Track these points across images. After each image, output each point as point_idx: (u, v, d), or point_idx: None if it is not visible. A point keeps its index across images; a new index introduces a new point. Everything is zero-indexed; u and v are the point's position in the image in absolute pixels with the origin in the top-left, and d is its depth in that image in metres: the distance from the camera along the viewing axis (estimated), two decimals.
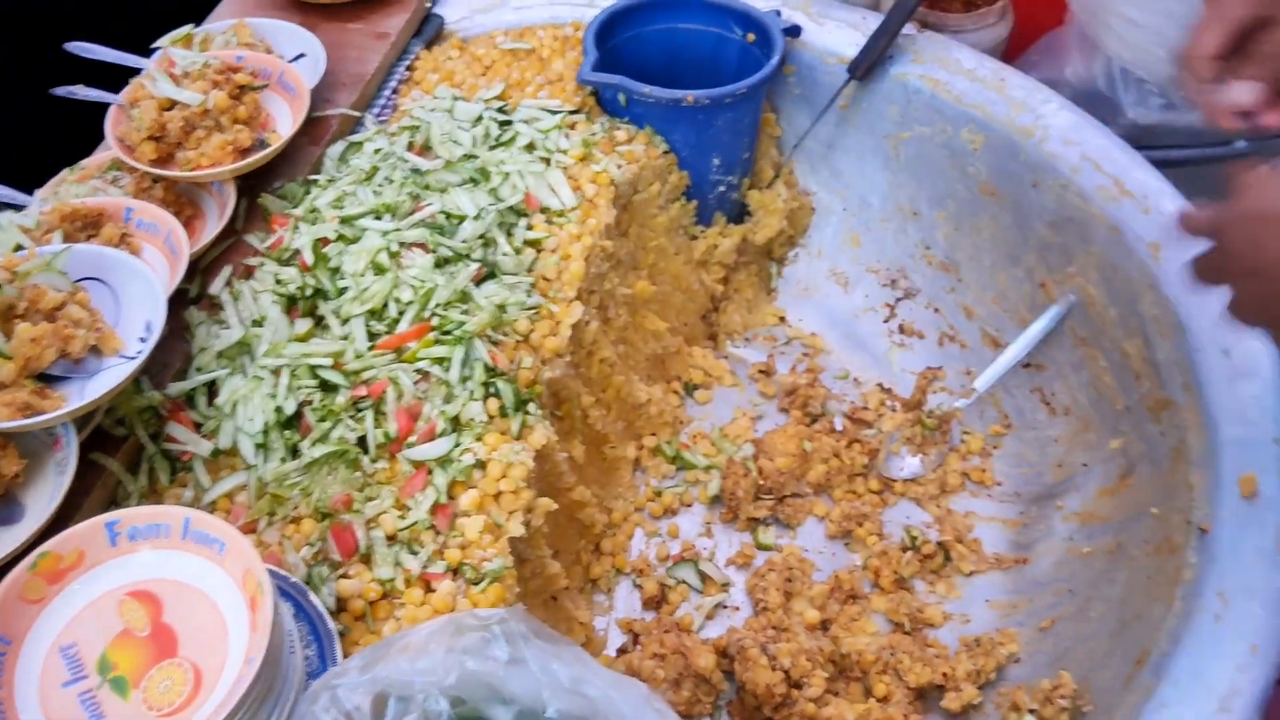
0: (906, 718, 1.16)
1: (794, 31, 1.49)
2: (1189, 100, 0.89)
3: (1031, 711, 1.09)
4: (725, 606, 1.31)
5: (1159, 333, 1.20)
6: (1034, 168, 1.37)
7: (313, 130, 1.33)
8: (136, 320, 0.99)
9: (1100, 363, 1.30)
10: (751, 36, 1.47)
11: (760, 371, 1.56)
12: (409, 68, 1.48)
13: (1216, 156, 1.44)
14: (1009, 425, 1.45)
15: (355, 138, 1.34)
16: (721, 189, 1.51)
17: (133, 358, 0.96)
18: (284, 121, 1.26)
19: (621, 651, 1.25)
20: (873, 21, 1.49)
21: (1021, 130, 1.38)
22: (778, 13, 1.48)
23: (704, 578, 1.32)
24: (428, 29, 1.54)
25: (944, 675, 1.18)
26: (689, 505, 1.41)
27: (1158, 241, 1.23)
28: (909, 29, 1.49)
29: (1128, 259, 1.25)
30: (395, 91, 1.44)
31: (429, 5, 1.56)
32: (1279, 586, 0.94)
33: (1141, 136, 1.42)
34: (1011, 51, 1.70)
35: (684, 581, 1.32)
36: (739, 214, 1.59)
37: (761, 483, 1.38)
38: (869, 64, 1.46)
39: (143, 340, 0.97)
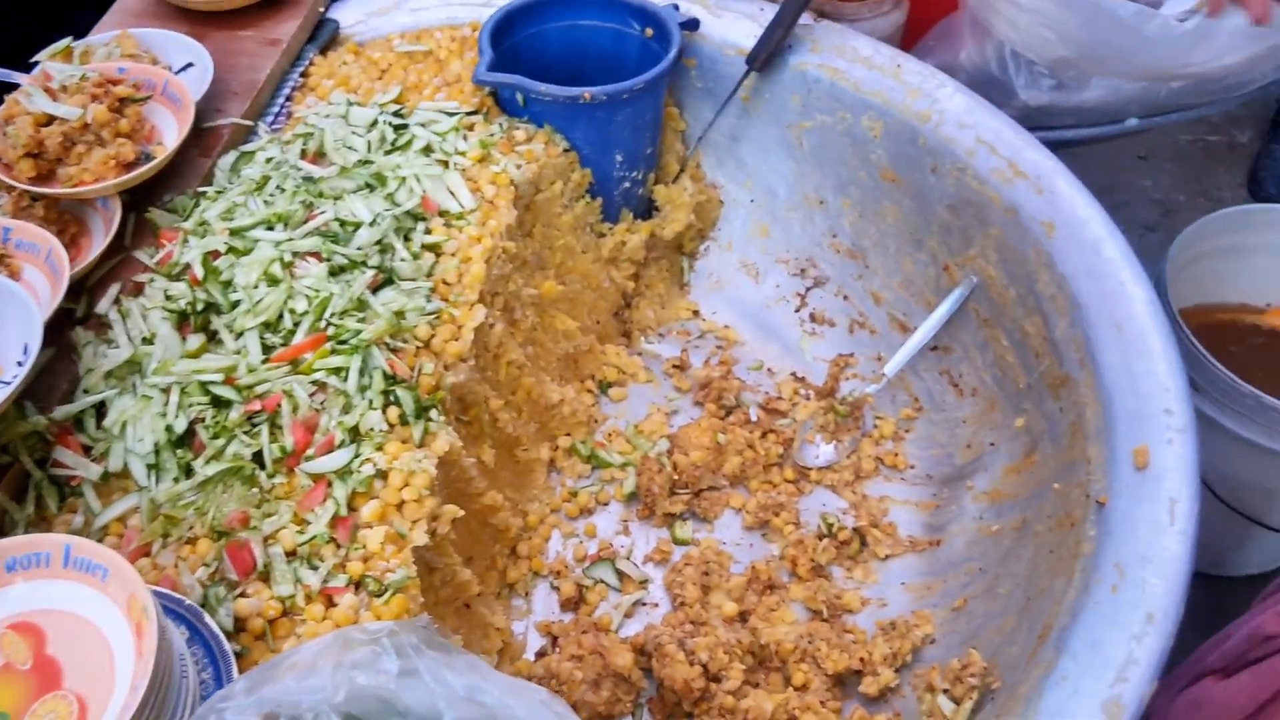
0: (824, 704, 1.17)
1: (692, 25, 1.49)
2: None
3: (944, 691, 1.10)
4: (644, 604, 1.31)
5: (1056, 310, 1.21)
6: (932, 153, 1.38)
7: (203, 141, 1.30)
8: (13, 343, 0.96)
9: (1003, 342, 1.32)
10: (650, 31, 1.46)
11: (674, 366, 1.56)
12: (303, 74, 1.46)
13: (1106, 135, 1.47)
14: (919, 408, 1.46)
15: (248, 147, 1.31)
16: (626, 185, 1.50)
17: (8, 382, 0.93)
18: (170, 133, 1.23)
19: (540, 655, 1.24)
20: (770, 13, 1.50)
21: (919, 115, 1.40)
22: (676, 6, 1.48)
23: (622, 576, 1.32)
24: (322, 34, 1.52)
25: (861, 660, 1.19)
26: (605, 504, 1.40)
27: (1051, 221, 1.24)
28: (806, 19, 1.50)
29: (1024, 239, 1.26)
30: (289, 99, 1.42)
31: (323, 10, 1.54)
32: (1173, 555, 0.96)
33: (1033, 117, 1.44)
34: (907, 38, 1.72)
35: (602, 581, 1.31)
36: (646, 210, 1.59)
37: (676, 478, 1.38)
38: (767, 55, 1.47)
39: (20, 364, 0.94)
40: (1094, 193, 1.27)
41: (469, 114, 1.37)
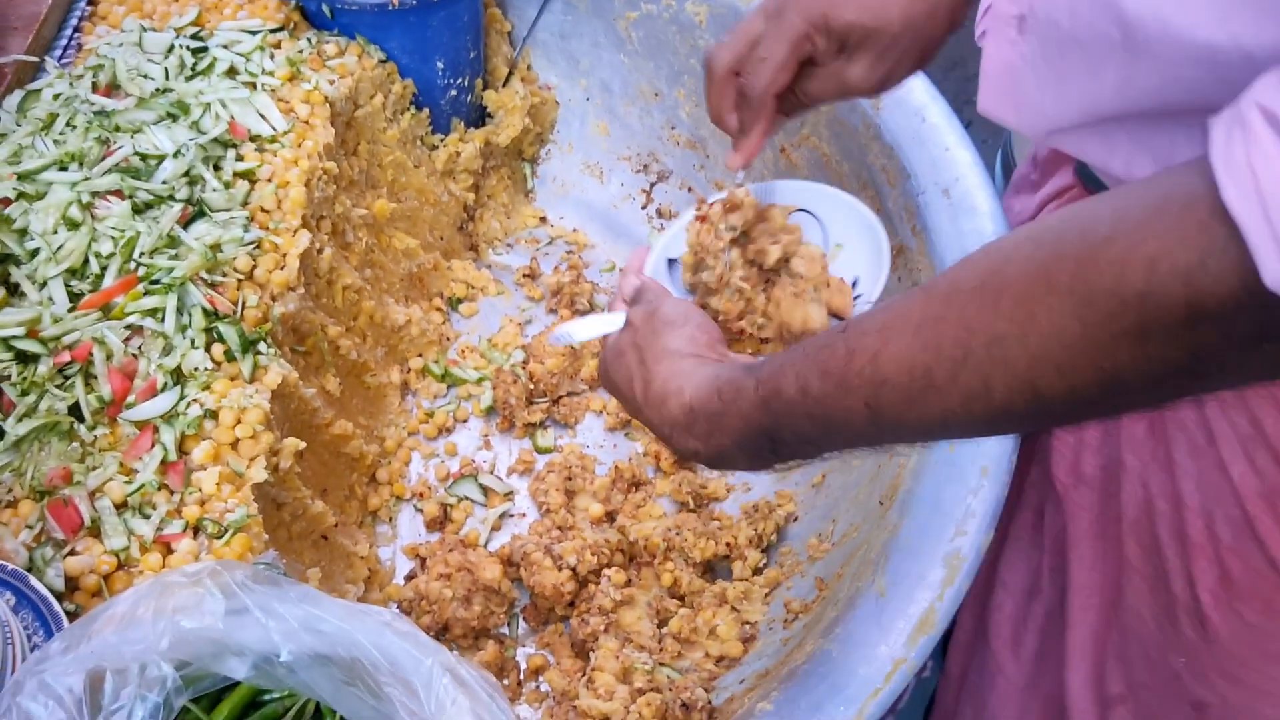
0: (700, 593, 1.18)
1: None
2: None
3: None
4: (511, 515, 1.30)
5: (887, 181, 1.22)
6: None
7: None
8: None
9: None
10: None
11: (525, 276, 1.53)
12: (90, 2, 1.36)
13: None
14: None
15: (34, 85, 1.22)
16: (453, 93, 1.45)
17: None
18: None
19: (409, 578, 1.23)
20: None
21: None
22: None
23: (486, 491, 1.31)
24: None
25: (728, 545, 1.21)
26: (464, 421, 1.38)
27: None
28: None
29: (852, 112, 1.26)
30: (78, 30, 1.32)
31: None
32: None
33: None
34: None
35: (466, 498, 1.30)
36: (478, 118, 1.54)
37: (534, 387, 1.36)
38: None
39: None
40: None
41: (274, 31, 1.29)
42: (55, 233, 1.05)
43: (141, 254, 1.05)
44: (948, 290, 0.55)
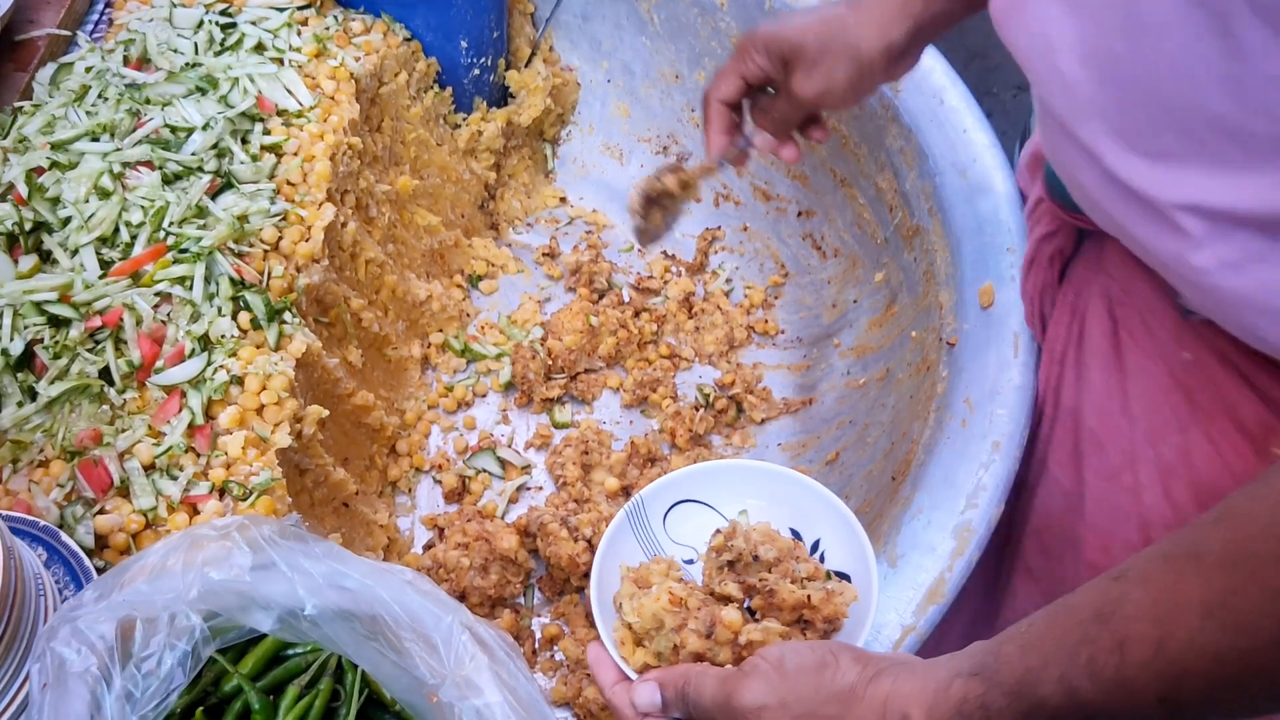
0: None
1: None
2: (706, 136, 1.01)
3: None
4: (528, 488, 1.32)
5: (905, 163, 1.23)
6: (777, 15, 1.37)
7: (18, 55, 1.24)
8: None
9: (859, 200, 1.34)
10: None
11: (545, 255, 1.55)
12: None
13: None
14: (786, 274, 1.48)
15: (67, 58, 1.25)
16: (476, 72, 1.47)
17: None
18: None
19: (428, 547, 1.25)
20: None
21: None
22: None
23: (504, 464, 1.33)
24: None
25: None
26: (483, 395, 1.40)
27: None
28: None
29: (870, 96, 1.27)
30: (109, 5, 1.35)
31: None
32: (1016, 385, 1.00)
33: None
34: None
35: (484, 470, 1.32)
36: (501, 97, 1.56)
37: (552, 363, 1.38)
38: None
39: None
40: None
41: (301, 8, 1.31)
42: (87, 201, 1.07)
43: (171, 223, 1.07)
44: (1229, 554, 0.49)
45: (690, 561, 0.86)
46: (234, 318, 1.04)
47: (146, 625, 0.72)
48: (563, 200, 1.63)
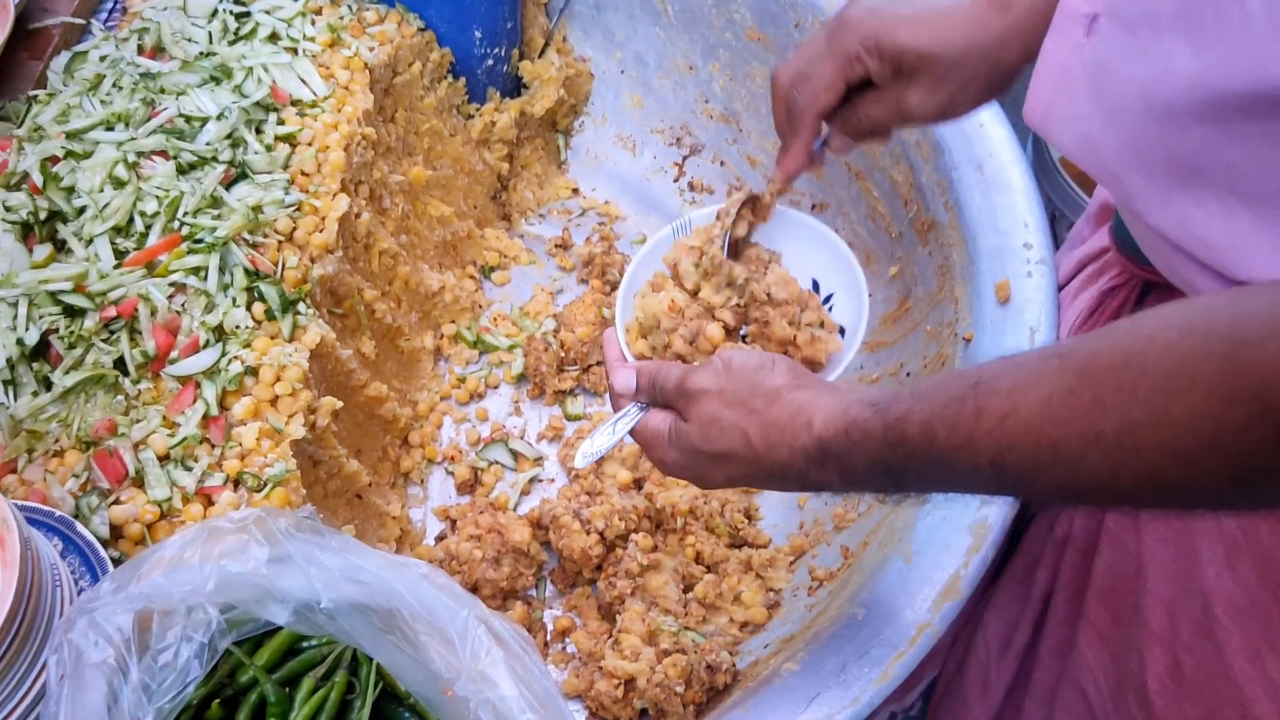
0: (725, 560, 1.20)
1: None
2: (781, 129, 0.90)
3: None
4: (540, 480, 1.32)
5: (921, 156, 1.22)
6: (795, 7, 1.36)
7: (33, 44, 1.24)
8: None
9: (874, 193, 1.33)
10: None
11: (557, 246, 1.55)
12: None
13: None
14: None
15: (81, 47, 1.24)
16: (490, 63, 1.47)
17: None
18: None
19: (440, 539, 1.25)
20: None
21: None
22: None
23: (516, 456, 1.33)
24: None
25: (749, 516, 1.22)
26: (495, 387, 1.40)
27: None
28: None
29: None
30: None
31: None
32: None
33: None
34: None
35: (497, 462, 1.32)
36: (514, 88, 1.55)
37: (564, 355, 1.38)
38: None
39: None
40: None
41: None
42: (102, 191, 1.07)
43: (185, 213, 1.07)
44: (1083, 362, 0.54)
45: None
46: (248, 308, 1.04)
47: (163, 617, 0.73)
48: (575, 191, 1.62)
